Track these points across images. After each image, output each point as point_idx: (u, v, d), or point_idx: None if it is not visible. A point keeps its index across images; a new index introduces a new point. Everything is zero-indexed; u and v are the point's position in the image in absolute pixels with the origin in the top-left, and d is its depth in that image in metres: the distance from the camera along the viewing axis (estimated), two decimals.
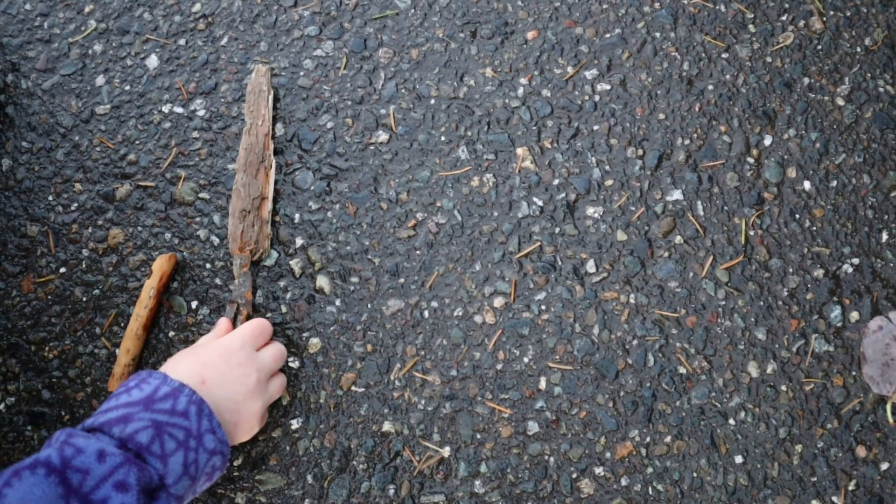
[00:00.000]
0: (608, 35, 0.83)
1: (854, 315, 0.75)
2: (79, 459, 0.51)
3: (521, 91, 0.82)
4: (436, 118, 0.81)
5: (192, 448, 0.58)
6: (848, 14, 0.84)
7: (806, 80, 0.82)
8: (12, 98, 0.84)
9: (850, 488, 0.71)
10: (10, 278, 0.78)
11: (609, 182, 0.79)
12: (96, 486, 0.51)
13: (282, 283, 0.77)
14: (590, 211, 0.78)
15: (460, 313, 0.76)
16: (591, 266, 0.77)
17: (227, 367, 0.65)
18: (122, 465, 0.52)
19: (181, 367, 0.63)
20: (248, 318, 0.75)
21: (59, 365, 0.76)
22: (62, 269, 0.78)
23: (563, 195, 0.78)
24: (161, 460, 0.56)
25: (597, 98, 0.81)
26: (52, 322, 0.77)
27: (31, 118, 0.83)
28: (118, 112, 0.83)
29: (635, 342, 0.75)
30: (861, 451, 0.72)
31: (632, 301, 0.76)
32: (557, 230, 0.77)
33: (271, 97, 0.80)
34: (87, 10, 0.86)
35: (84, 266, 0.78)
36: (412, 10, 0.85)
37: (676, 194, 0.78)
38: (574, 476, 0.72)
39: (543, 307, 0.75)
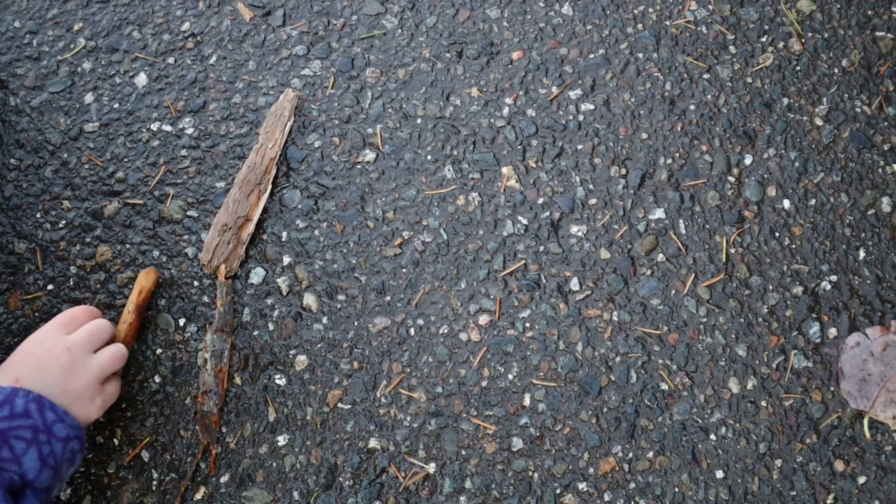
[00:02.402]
0: (592, 56, 0.85)
1: (832, 331, 0.77)
2: None
3: (506, 111, 0.83)
4: (422, 137, 0.82)
5: (43, 442, 0.60)
6: (826, 36, 0.86)
7: (785, 101, 0.83)
8: (0, 115, 0.84)
9: (829, 502, 0.72)
10: None
11: (593, 201, 0.80)
12: None
13: (269, 301, 0.78)
14: (574, 229, 0.79)
15: (446, 331, 0.77)
16: (574, 284, 0.78)
17: (35, 355, 0.66)
18: None
19: (0, 375, 0.65)
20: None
21: None
22: (50, 287, 0.79)
23: (548, 214, 0.80)
24: (15, 462, 0.58)
25: (581, 118, 0.83)
26: None
27: (19, 135, 0.83)
28: (107, 130, 0.83)
29: (618, 359, 0.76)
30: (839, 466, 0.73)
31: (615, 318, 0.77)
32: (542, 248, 0.79)
33: (290, 124, 0.81)
34: (76, 28, 0.87)
35: (72, 283, 0.79)
36: (399, 30, 0.86)
37: (659, 213, 0.80)
38: (558, 491, 0.73)
39: (528, 325, 0.77)
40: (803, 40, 0.85)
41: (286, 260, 0.79)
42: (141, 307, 0.76)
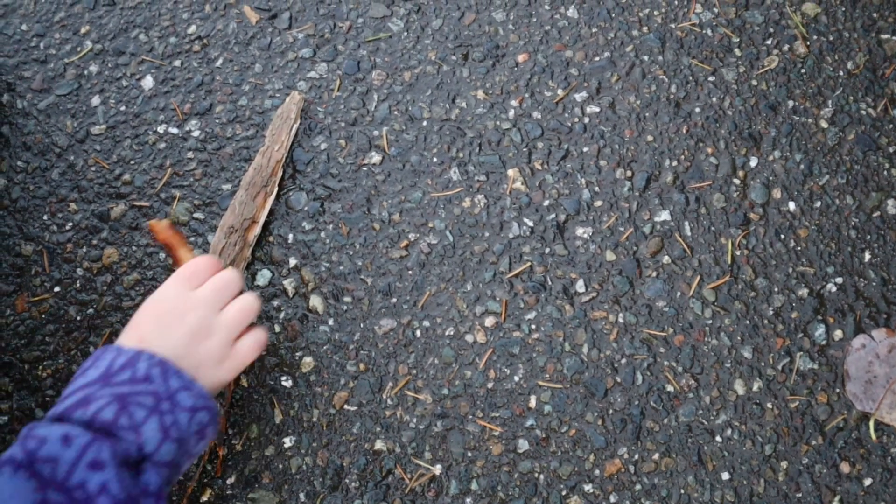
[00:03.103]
0: (597, 58, 0.85)
1: (838, 333, 0.77)
2: (44, 449, 0.48)
3: (512, 113, 0.83)
4: (428, 140, 0.82)
5: (166, 412, 0.53)
6: (831, 39, 0.86)
7: (790, 103, 0.84)
8: (8, 118, 0.84)
9: None
10: (4, 297, 0.79)
11: (598, 203, 0.80)
12: (69, 471, 0.48)
13: (275, 303, 0.78)
14: (579, 231, 0.79)
15: (452, 332, 0.77)
16: (580, 286, 0.78)
17: (159, 315, 0.59)
18: (91, 444, 0.49)
19: (125, 335, 0.59)
20: None
21: (53, 384, 0.76)
22: (56, 289, 0.79)
23: (554, 216, 0.80)
24: (133, 431, 0.51)
25: (586, 120, 0.83)
26: (46, 341, 0.78)
27: (26, 138, 0.84)
28: (113, 132, 0.84)
29: (624, 361, 0.76)
30: (845, 468, 0.73)
31: (620, 320, 0.77)
32: (548, 250, 0.79)
33: (296, 127, 0.81)
34: (83, 30, 0.87)
35: (78, 285, 0.79)
36: (405, 33, 0.86)
37: (664, 215, 0.80)
38: (563, 493, 0.73)
39: (534, 326, 0.77)
40: (808, 43, 0.86)
41: (292, 262, 0.79)
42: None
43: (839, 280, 0.78)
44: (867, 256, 0.79)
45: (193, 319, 0.59)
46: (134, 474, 0.50)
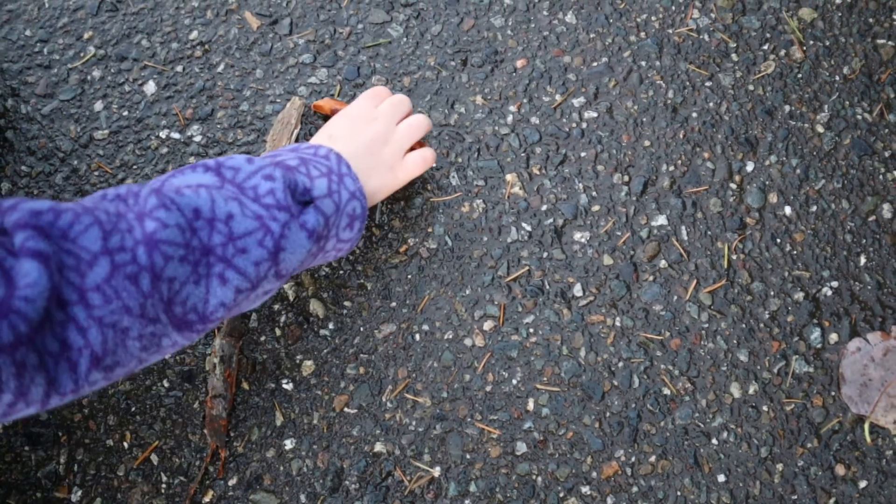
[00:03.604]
0: (595, 64, 0.86)
1: (833, 337, 0.77)
2: (230, 161, 0.59)
3: (510, 118, 0.84)
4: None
5: (334, 181, 0.64)
6: (827, 44, 0.86)
7: (787, 108, 0.84)
8: (12, 122, 0.85)
9: None
10: None
11: (596, 208, 0.81)
12: (247, 177, 0.59)
13: (275, 307, 0.79)
14: (577, 236, 0.80)
15: (450, 336, 0.78)
16: (578, 290, 0.79)
17: (349, 120, 0.73)
18: (269, 164, 0.60)
19: (317, 136, 0.73)
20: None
21: None
22: None
23: (551, 220, 0.81)
24: (307, 177, 0.62)
25: (584, 125, 0.84)
26: None
27: (30, 143, 0.85)
28: (116, 137, 0.85)
29: (621, 364, 0.77)
30: (840, 470, 0.74)
31: (617, 324, 0.78)
32: (545, 255, 0.80)
33: (296, 132, 0.82)
34: (86, 36, 0.88)
35: None
36: (404, 39, 0.87)
37: (661, 219, 0.81)
38: (561, 495, 0.74)
39: (531, 330, 0.77)
40: (805, 48, 0.86)
41: None
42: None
43: (835, 284, 0.79)
44: (863, 260, 0.80)
45: (375, 127, 0.72)
46: (299, 206, 0.61)
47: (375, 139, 0.72)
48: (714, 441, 0.75)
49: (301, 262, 0.61)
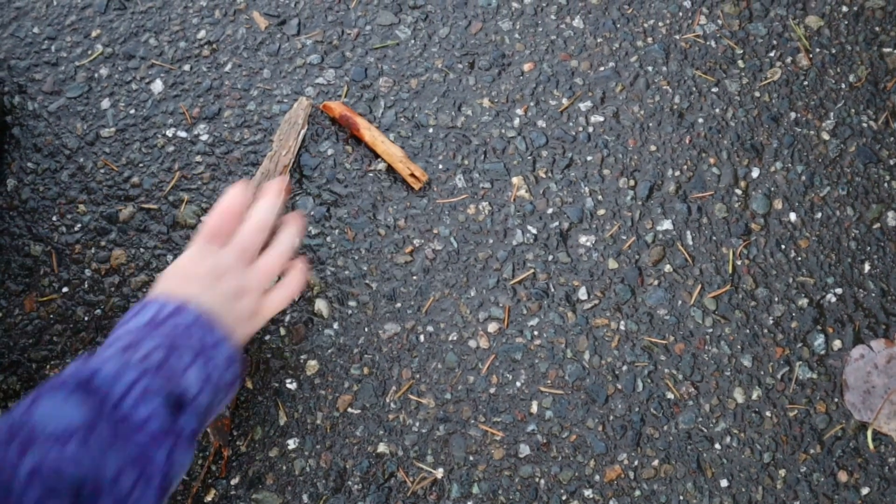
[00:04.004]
0: (602, 68, 0.86)
1: (837, 343, 0.78)
2: (99, 377, 0.49)
3: (517, 121, 0.84)
4: (434, 146, 0.83)
5: (206, 360, 0.53)
6: (833, 52, 0.87)
7: (792, 115, 0.85)
8: (19, 119, 0.85)
9: None
10: (12, 297, 0.80)
11: (601, 211, 0.81)
12: (121, 397, 0.48)
13: None
14: (582, 239, 0.80)
15: (455, 338, 0.78)
16: (582, 293, 0.79)
17: (191, 276, 0.58)
18: (142, 375, 0.50)
19: (161, 286, 0.59)
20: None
21: None
22: (65, 289, 0.80)
23: (557, 224, 0.81)
24: (178, 375, 0.52)
25: (590, 129, 0.84)
26: (54, 341, 0.79)
27: (36, 139, 0.85)
28: (123, 135, 0.85)
29: (625, 368, 0.77)
30: (843, 476, 0.74)
31: (622, 328, 0.78)
32: (551, 258, 0.80)
33: (303, 132, 0.82)
34: (93, 34, 0.88)
35: (86, 286, 0.80)
36: (412, 41, 0.87)
37: (666, 224, 0.81)
38: (564, 498, 0.74)
39: (536, 333, 0.78)
40: (811, 55, 0.87)
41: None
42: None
43: (839, 291, 0.79)
44: (867, 267, 0.80)
45: (227, 285, 0.58)
46: (175, 416, 0.51)
47: (228, 293, 0.58)
48: (717, 446, 0.75)
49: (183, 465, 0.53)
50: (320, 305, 0.79)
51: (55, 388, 0.48)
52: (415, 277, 0.79)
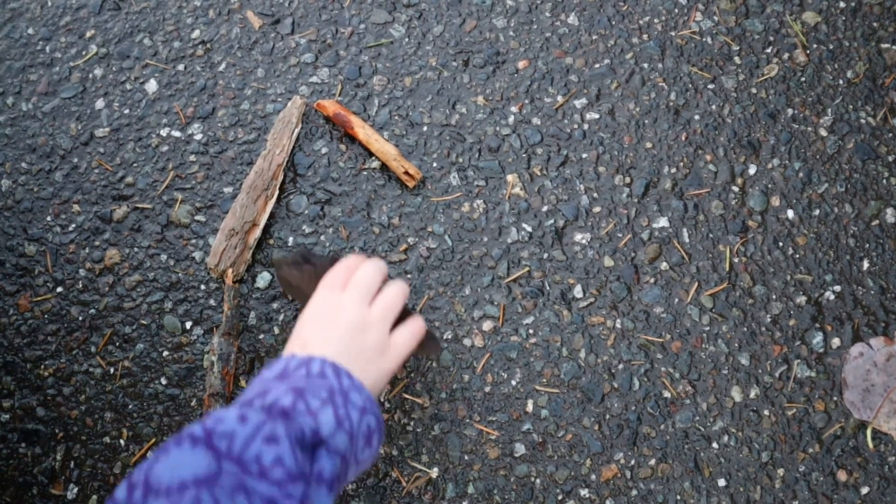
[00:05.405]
0: (597, 65, 0.86)
1: (836, 341, 0.77)
2: (221, 426, 0.48)
3: (511, 119, 0.84)
4: (428, 145, 0.83)
5: (339, 404, 0.54)
6: (831, 47, 0.86)
7: (790, 112, 0.84)
8: (12, 120, 0.85)
9: None
10: (7, 297, 0.80)
11: (597, 209, 0.81)
12: (245, 445, 0.48)
13: (275, 305, 0.78)
14: (578, 237, 0.80)
15: (450, 336, 0.77)
16: (578, 291, 0.78)
17: (315, 322, 0.62)
18: (266, 422, 0.49)
19: (289, 346, 0.62)
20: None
21: (54, 383, 0.77)
22: (59, 289, 0.80)
23: (552, 221, 0.80)
24: (310, 415, 0.52)
25: (586, 127, 0.83)
26: (48, 340, 0.78)
27: (31, 140, 0.85)
28: (117, 135, 0.84)
29: (621, 366, 0.76)
30: (842, 476, 0.73)
31: (618, 326, 0.77)
32: (546, 256, 0.79)
33: (297, 131, 0.82)
34: (88, 34, 0.88)
35: (80, 286, 0.80)
36: (406, 39, 0.87)
37: (663, 221, 0.80)
38: (560, 498, 0.73)
39: (531, 331, 0.77)
40: (808, 51, 0.86)
41: None
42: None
43: (837, 288, 0.78)
44: (866, 265, 0.79)
45: (347, 317, 0.61)
46: (309, 458, 0.51)
47: (352, 329, 0.61)
48: (714, 445, 0.74)
49: None
50: None
51: (178, 442, 0.48)
52: (409, 276, 0.79)
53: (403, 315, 0.64)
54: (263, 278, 0.79)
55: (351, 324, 0.61)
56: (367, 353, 0.61)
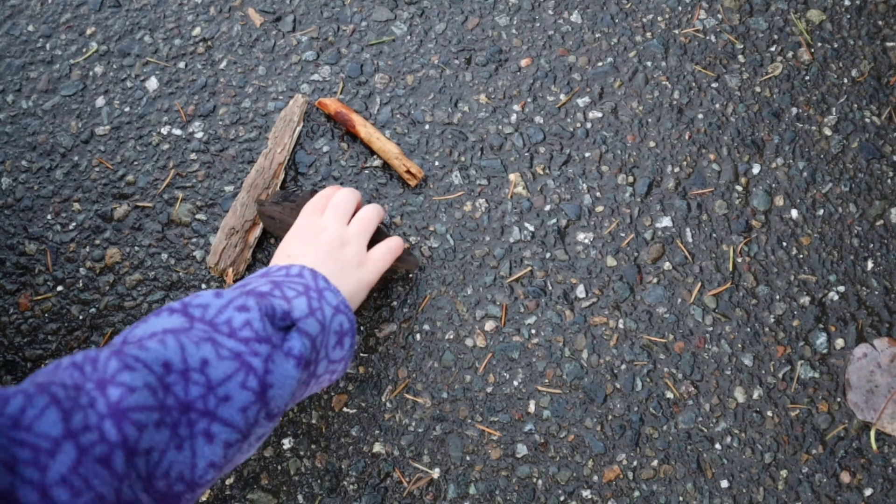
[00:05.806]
0: (600, 64, 0.85)
1: (839, 342, 0.76)
2: (198, 300, 0.54)
3: (514, 117, 0.83)
4: (430, 143, 0.82)
5: (313, 297, 0.59)
6: (835, 46, 0.85)
7: (794, 110, 0.83)
8: (13, 118, 0.85)
9: None
10: (7, 295, 0.79)
11: (600, 208, 0.80)
12: (218, 312, 0.53)
13: None
14: (580, 237, 0.79)
15: (451, 336, 0.77)
16: (580, 291, 0.78)
17: (298, 238, 0.68)
18: (239, 295, 0.55)
19: (275, 258, 0.68)
20: None
21: None
22: (59, 288, 0.79)
23: (555, 221, 0.80)
24: (284, 300, 0.57)
25: (588, 125, 0.83)
26: (49, 339, 0.78)
27: (31, 138, 0.84)
28: (117, 133, 0.84)
29: (623, 367, 0.76)
30: (845, 477, 0.73)
31: (620, 326, 0.77)
32: (548, 255, 0.79)
33: (299, 129, 0.81)
34: (88, 32, 0.88)
35: (81, 284, 0.79)
36: (408, 37, 0.86)
37: (666, 221, 0.80)
38: (562, 499, 0.73)
39: (533, 331, 0.77)
40: (813, 50, 0.85)
41: None
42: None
43: (841, 289, 0.78)
44: (870, 265, 0.78)
45: (327, 235, 0.68)
46: (281, 335, 0.55)
47: (331, 244, 0.67)
48: (717, 446, 0.74)
49: (292, 394, 0.55)
50: None
51: (156, 313, 0.53)
52: (410, 275, 0.78)
53: (384, 237, 0.73)
54: None
55: (330, 239, 0.67)
56: (346, 264, 0.67)
